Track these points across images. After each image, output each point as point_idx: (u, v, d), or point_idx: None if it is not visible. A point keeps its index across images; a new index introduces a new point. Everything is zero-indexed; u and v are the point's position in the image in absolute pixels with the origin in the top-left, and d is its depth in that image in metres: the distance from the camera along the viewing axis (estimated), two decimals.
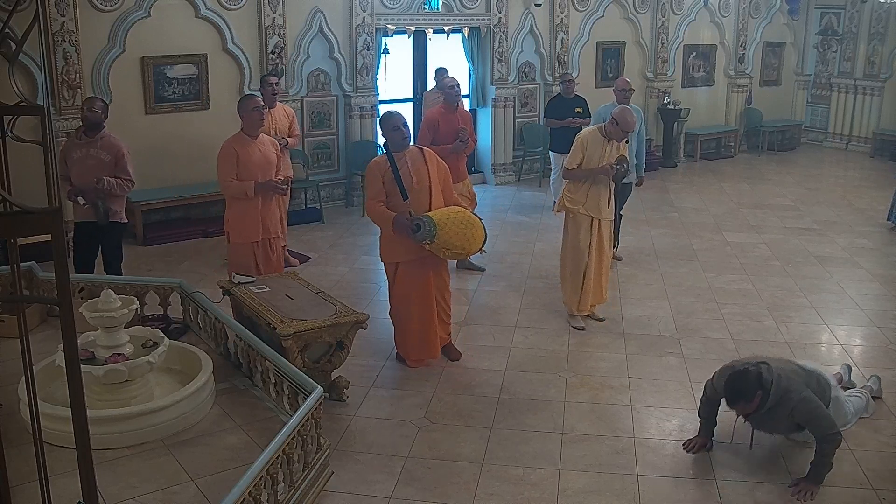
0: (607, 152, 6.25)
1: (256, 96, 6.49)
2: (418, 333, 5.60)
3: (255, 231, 6.04)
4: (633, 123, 6.22)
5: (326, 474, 4.21)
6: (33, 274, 5.98)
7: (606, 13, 12.33)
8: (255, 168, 5.97)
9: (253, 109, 6.00)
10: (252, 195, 5.92)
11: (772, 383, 4.24)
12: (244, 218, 6.01)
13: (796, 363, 4.74)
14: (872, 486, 4.32)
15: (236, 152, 5.91)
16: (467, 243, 5.33)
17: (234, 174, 5.91)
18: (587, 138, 6.31)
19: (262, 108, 6.11)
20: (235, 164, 5.90)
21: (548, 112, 10.23)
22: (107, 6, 8.30)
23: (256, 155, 5.99)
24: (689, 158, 13.60)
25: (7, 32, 2.37)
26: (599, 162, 6.22)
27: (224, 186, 6.01)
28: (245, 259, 6.04)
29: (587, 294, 6.42)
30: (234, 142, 5.99)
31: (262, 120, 6.11)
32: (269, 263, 6.15)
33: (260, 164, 6.00)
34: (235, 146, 5.95)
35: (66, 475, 3.55)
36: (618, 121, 6.17)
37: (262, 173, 6.00)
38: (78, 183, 6.17)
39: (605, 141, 6.26)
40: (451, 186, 5.68)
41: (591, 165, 6.23)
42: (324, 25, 9.73)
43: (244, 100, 6.20)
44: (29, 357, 2.52)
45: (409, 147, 5.52)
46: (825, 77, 14.85)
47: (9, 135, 2.52)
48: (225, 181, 5.95)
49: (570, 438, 4.77)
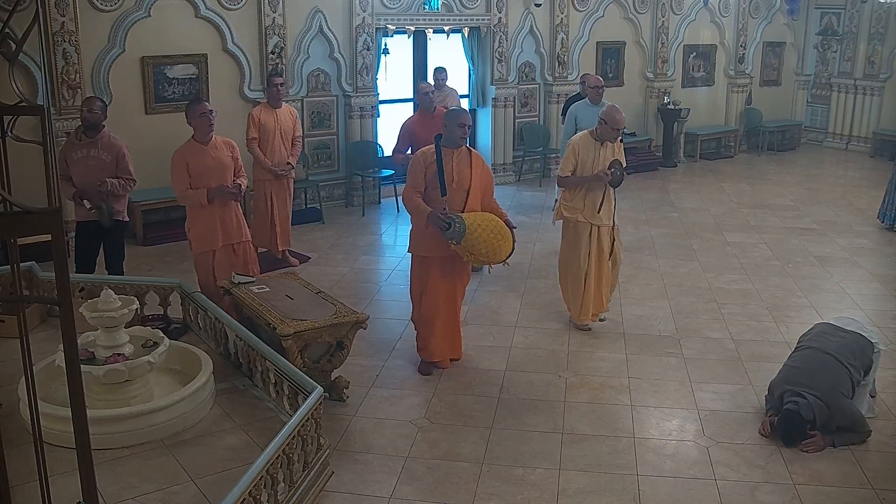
0: (601, 156, 6.11)
1: (203, 102, 6.32)
2: (444, 331, 5.59)
3: (215, 238, 5.99)
4: (622, 120, 6.09)
5: (326, 474, 4.21)
6: (33, 274, 5.98)
7: (606, 13, 12.33)
8: (208, 174, 5.90)
9: (200, 115, 5.90)
10: (206, 203, 5.86)
11: (814, 413, 4.63)
12: (203, 226, 5.96)
13: (837, 330, 5.01)
14: (872, 486, 4.32)
15: (186, 161, 5.85)
16: (492, 252, 5.30)
17: (187, 184, 5.86)
18: (578, 143, 6.17)
19: (209, 112, 5.95)
20: (187, 173, 5.85)
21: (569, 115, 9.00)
22: (107, 6, 8.30)
23: (209, 161, 5.92)
24: (689, 158, 13.60)
25: (7, 32, 2.37)
26: (594, 167, 6.09)
27: (179, 197, 5.98)
28: (204, 267, 6.02)
29: (588, 303, 6.31)
30: (185, 150, 5.92)
31: (211, 125, 5.95)
32: (228, 271, 5.96)
33: (213, 170, 5.93)
34: (185, 155, 5.88)
35: (66, 475, 3.55)
36: (606, 120, 6.04)
37: (215, 179, 5.92)
38: (79, 183, 6.17)
39: (597, 144, 6.12)
40: (492, 193, 5.63)
41: (586, 171, 6.10)
42: (324, 25, 9.73)
43: (191, 105, 6.04)
44: (29, 357, 2.52)
45: (462, 147, 5.48)
46: (825, 77, 14.84)
47: (9, 135, 2.52)
48: (179, 191, 5.91)
49: (570, 438, 4.77)
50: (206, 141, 5.95)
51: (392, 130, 10.30)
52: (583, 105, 8.44)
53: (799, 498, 4.20)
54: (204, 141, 5.95)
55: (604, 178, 6.04)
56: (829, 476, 4.40)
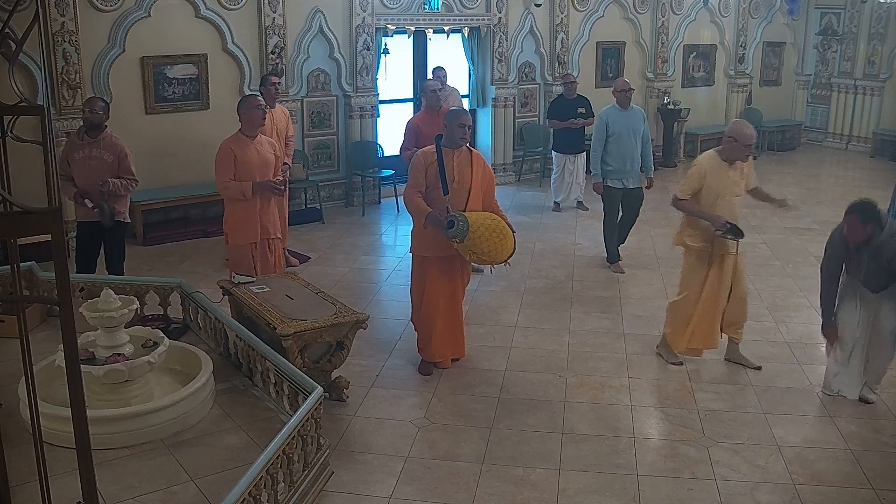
0: (731, 180, 5.44)
1: (258, 96, 6.47)
2: (445, 332, 5.59)
3: (254, 232, 6.03)
4: (753, 135, 5.44)
5: (326, 474, 4.21)
6: (33, 274, 5.98)
7: (606, 13, 12.33)
8: (252, 168, 5.95)
9: (255, 108, 5.98)
10: (250, 196, 5.90)
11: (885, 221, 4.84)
12: (242, 219, 5.99)
13: None
14: (872, 486, 4.32)
15: (234, 153, 5.90)
16: (494, 252, 5.28)
17: (231, 175, 5.90)
18: (706, 166, 5.43)
19: (263, 107, 6.09)
20: (233, 165, 5.89)
21: (550, 113, 10.23)
22: (107, 6, 8.30)
23: (254, 155, 5.97)
24: (690, 158, 13.56)
25: (7, 32, 2.37)
26: (722, 193, 5.41)
27: (222, 188, 6.00)
28: (244, 260, 6.03)
29: (688, 334, 5.72)
30: (232, 142, 5.98)
31: (264, 119, 6.09)
32: (268, 264, 6.13)
33: (258, 165, 5.99)
34: (233, 147, 5.93)
35: (66, 475, 3.54)
36: (735, 137, 5.35)
37: (259, 174, 5.98)
38: (81, 184, 6.17)
39: (727, 167, 5.42)
40: (493, 194, 5.62)
41: (711, 197, 5.41)
42: (324, 25, 9.73)
43: (246, 99, 6.17)
44: (29, 357, 2.52)
45: (462, 147, 5.48)
46: (825, 77, 14.84)
47: (9, 135, 2.52)
48: (222, 182, 5.93)
49: (570, 438, 4.77)
50: (253, 135, 6.01)
51: (392, 130, 10.34)
52: (612, 111, 7.91)
53: (799, 498, 4.20)
54: (251, 135, 6.00)
55: (721, 226, 5.37)
56: (829, 476, 4.41)
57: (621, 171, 7.79)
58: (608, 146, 7.76)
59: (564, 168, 10.05)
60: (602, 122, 7.86)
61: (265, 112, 6.10)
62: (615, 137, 7.74)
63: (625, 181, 7.83)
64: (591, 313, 6.81)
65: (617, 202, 7.93)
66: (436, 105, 7.81)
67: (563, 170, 10.07)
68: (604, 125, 7.83)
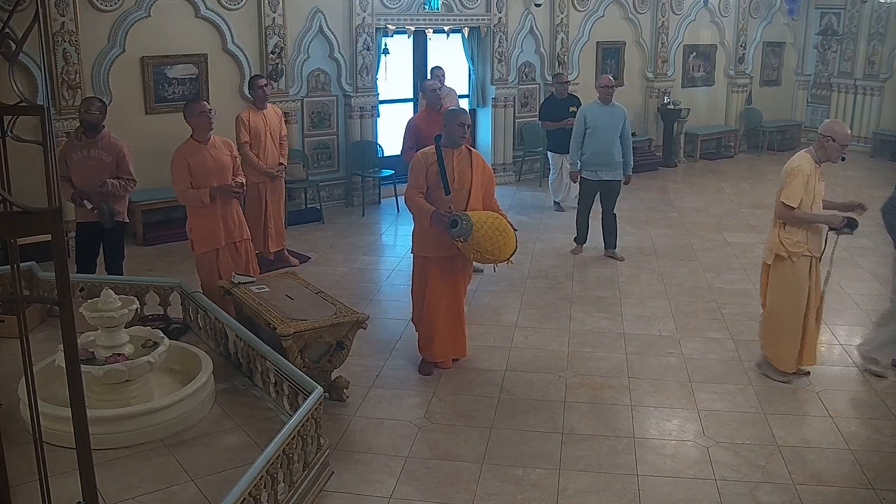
0: (822, 181, 5.39)
1: (202, 100, 6.31)
2: (446, 332, 5.59)
3: (218, 237, 5.98)
4: (850, 135, 5.34)
5: (326, 474, 4.22)
6: (33, 274, 5.98)
7: (606, 13, 12.33)
8: (209, 174, 5.89)
9: (200, 114, 5.87)
10: (208, 202, 5.85)
11: None
12: (205, 225, 5.94)
13: None
14: (872, 486, 4.32)
15: (187, 161, 5.83)
16: (497, 251, 5.28)
17: (188, 183, 5.84)
18: (806, 170, 5.24)
19: (209, 111, 5.93)
20: (188, 173, 5.83)
21: (542, 114, 10.26)
22: (107, 6, 8.30)
23: (209, 160, 5.90)
24: (689, 158, 13.60)
25: (7, 32, 2.37)
26: (816, 194, 5.30)
27: (180, 197, 5.96)
28: (208, 267, 6.00)
29: (811, 344, 5.49)
30: (184, 150, 5.90)
31: (211, 123, 5.93)
32: (237, 268, 6.01)
33: (214, 169, 5.92)
34: (185, 155, 5.86)
35: (66, 475, 3.55)
36: (834, 136, 5.18)
37: (216, 178, 5.91)
38: (80, 185, 6.17)
39: (817, 168, 5.31)
40: (493, 193, 5.63)
41: (809, 200, 5.25)
42: (324, 25, 9.73)
43: (189, 105, 6.00)
44: (29, 357, 2.52)
45: (462, 147, 5.48)
46: (825, 77, 14.84)
47: (9, 135, 2.52)
48: (180, 190, 5.89)
49: (570, 438, 4.77)
50: (205, 140, 5.93)
51: (392, 130, 10.34)
52: (593, 105, 8.26)
53: (799, 498, 4.20)
54: (203, 140, 5.93)
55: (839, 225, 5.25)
56: (829, 476, 4.41)
57: (596, 164, 8.13)
58: (586, 139, 8.14)
59: (562, 168, 10.05)
60: (581, 116, 8.25)
61: (210, 117, 5.92)
62: (592, 131, 8.09)
63: (600, 173, 8.16)
64: (591, 313, 6.81)
65: (591, 193, 8.31)
66: (436, 105, 7.82)
67: (560, 169, 10.08)
68: (582, 118, 8.23)
